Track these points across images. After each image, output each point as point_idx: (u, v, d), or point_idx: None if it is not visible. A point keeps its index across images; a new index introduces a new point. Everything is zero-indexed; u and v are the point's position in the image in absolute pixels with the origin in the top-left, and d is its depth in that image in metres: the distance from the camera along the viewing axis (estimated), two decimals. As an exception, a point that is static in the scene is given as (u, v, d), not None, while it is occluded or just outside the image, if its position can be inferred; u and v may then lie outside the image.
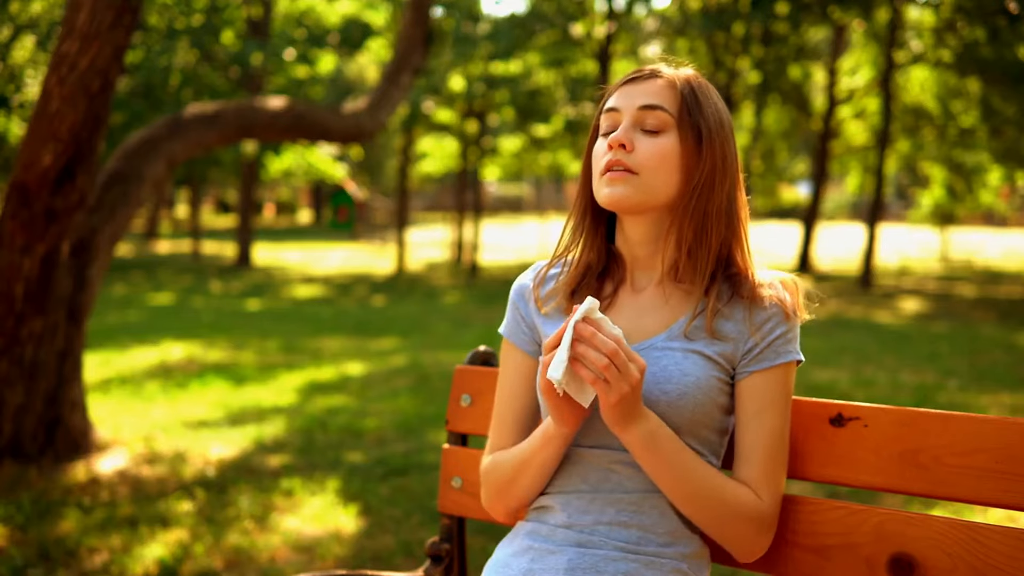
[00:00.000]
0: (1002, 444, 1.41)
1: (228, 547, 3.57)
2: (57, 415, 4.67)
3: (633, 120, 1.50)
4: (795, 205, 37.46)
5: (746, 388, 1.49)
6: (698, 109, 1.50)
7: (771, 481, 1.47)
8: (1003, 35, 15.87)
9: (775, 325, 1.49)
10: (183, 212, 45.87)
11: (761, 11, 16.92)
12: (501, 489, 1.59)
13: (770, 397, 1.48)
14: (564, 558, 1.48)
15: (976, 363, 8.44)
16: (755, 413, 1.48)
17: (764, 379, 1.48)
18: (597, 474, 1.51)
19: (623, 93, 1.53)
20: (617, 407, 1.38)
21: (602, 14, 19.82)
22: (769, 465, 1.47)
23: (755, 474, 1.46)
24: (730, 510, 1.44)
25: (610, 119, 1.53)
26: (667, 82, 1.51)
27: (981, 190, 23.53)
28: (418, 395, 6.67)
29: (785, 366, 1.49)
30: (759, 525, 1.46)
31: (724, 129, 1.52)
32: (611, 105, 1.53)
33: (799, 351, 1.52)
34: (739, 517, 1.45)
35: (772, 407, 1.48)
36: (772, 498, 1.47)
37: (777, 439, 1.47)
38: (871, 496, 4.00)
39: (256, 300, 14.48)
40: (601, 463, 1.51)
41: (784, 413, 1.49)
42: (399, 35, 7.84)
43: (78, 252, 4.76)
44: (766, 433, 1.47)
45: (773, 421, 1.47)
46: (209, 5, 17.82)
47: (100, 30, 4.17)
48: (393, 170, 36.05)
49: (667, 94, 1.50)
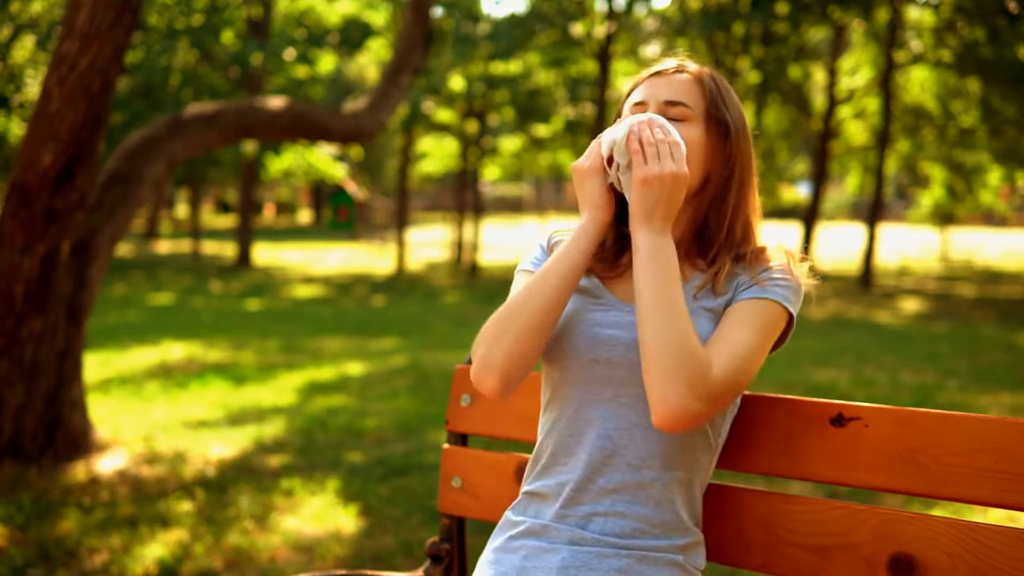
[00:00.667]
0: (1002, 444, 1.41)
1: (228, 547, 3.57)
2: (57, 415, 4.67)
3: (658, 112, 1.54)
4: (795, 205, 37.42)
5: (726, 311, 1.50)
6: (724, 105, 1.56)
7: (725, 364, 1.41)
8: (1003, 35, 15.87)
9: (771, 272, 1.52)
10: (183, 212, 45.86)
11: (761, 11, 16.91)
12: (502, 328, 1.49)
13: (745, 314, 1.47)
14: (557, 556, 1.48)
15: (976, 363, 8.44)
16: (726, 326, 1.47)
17: (747, 303, 1.49)
18: (601, 453, 1.50)
19: (649, 85, 1.58)
20: (645, 187, 1.44)
21: (602, 14, 19.82)
22: (728, 353, 1.42)
23: (713, 351, 1.43)
24: (681, 351, 1.38)
25: (636, 112, 1.57)
26: (693, 78, 1.57)
27: (981, 190, 23.52)
28: (418, 395, 6.67)
29: (770, 302, 1.48)
30: (694, 382, 1.38)
31: (746, 126, 1.59)
32: (638, 99, 1.58)
33: (789, 303, 1.50)
34: (685, 363, 1.38)
35: (747, 323, 1.46)
36: (720, 376, 1.40)
37: (738, 344, 1.43)
38: (871, 496, 4.00)
39: (256, 300, 14.48)
40: (606, 429, 1.50)
41: (757, 336, 1.45)
42: (399, 35, 7.84)
43: (78, 252, 4.76)
44: (729, 335, 1.45)
45: (743, 334, 1.44)
46: (209, 5, 17.82)
47: (100, 30, 4.17)
48: (393, 170, 36.03)
49: (692, 90, 1.56)
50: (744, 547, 1.59)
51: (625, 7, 19.74)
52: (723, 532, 1.61)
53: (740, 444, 1.61)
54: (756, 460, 1.60)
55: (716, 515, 1.61)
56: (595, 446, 1.51)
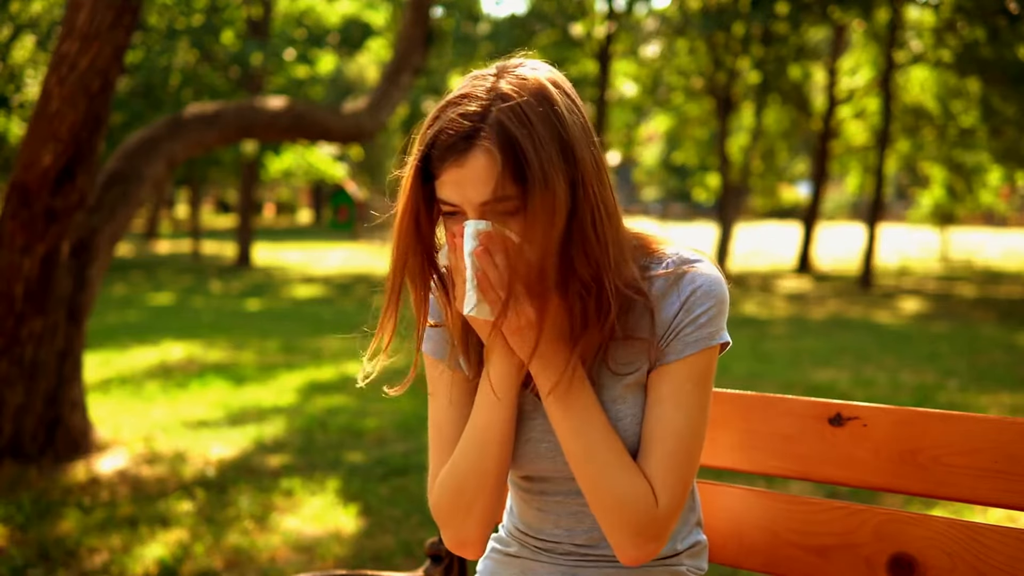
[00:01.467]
0: (1002, 444, 1.40)
1: (228, 547, 3.57)
2: (57, 415, 4.67)
3: (479, 216, 1.24)
4: (795, 205, 37.46)
5: (652, 381, 1.34)
6: (527, 160, 1.21)
7: (669, 482, 1.30)
8: (1003, 35, 15.86)
9: (684, 314, 1.32)
10: (183, 212, 45.86)
11: (761, 11, 16.92)
12: (462, 500, 1.38)
13: (672, 389, 1.32)
14: (557, 569, 1.46)
15: (976, 363, 8.44)
16: (655, 403, 1.33)
17: (669, 371, 1.33)
18: (569, 519, 1.44)
19: (453, 183, 1.24)
20: (518, 333, 1.26)
21: (602, 14, 19.83)
22: (669, 463, 1.31)
23: (653, 471, 1.31)
24: (619, 502, 1.30)
25: (450, 211, 1.27)
26: (488, 151, 1.21)
27: (981, 190, 23.51)
28: (418, 395, 6.64)
29: (696, 356, 1.32)
30: (643, 528, 1.30)
31: (570, 147, 1.25)
32: (447, 200, 1.26)
33: (716, 334, 1.33)
34: (626, 513, 1.29)
35: (674, 400, 1.32)
36: (668, 502, 1.30)
37: (682, 436, 1.31)
38: (871, 496, 4.00)
39: (256, 300, 14.48)
40: (571, 508, 1.43)
41: (691, 409, 1.32)
42: (399, 35, 7.85)
43: (78, 252, 4.76)
44: (667, 427, 1.31)
45: (675, 415, 1.31)
46: (209, 5, 17.82)
47: (100, 30, 4.17)
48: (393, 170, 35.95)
49: (495, 168, 1.21)
50: (744, 547, 1.59)
51: (625, 7, 19.76)
52: (723, 532, 1.61)
53: (740, 444, 1.61)
54: (756, 460, 1.59)
55: (716, 515, 1.61)
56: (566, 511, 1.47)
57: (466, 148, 1.22)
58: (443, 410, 1.46)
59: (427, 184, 1.29)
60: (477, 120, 1.22)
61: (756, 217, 43.43)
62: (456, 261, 1.27)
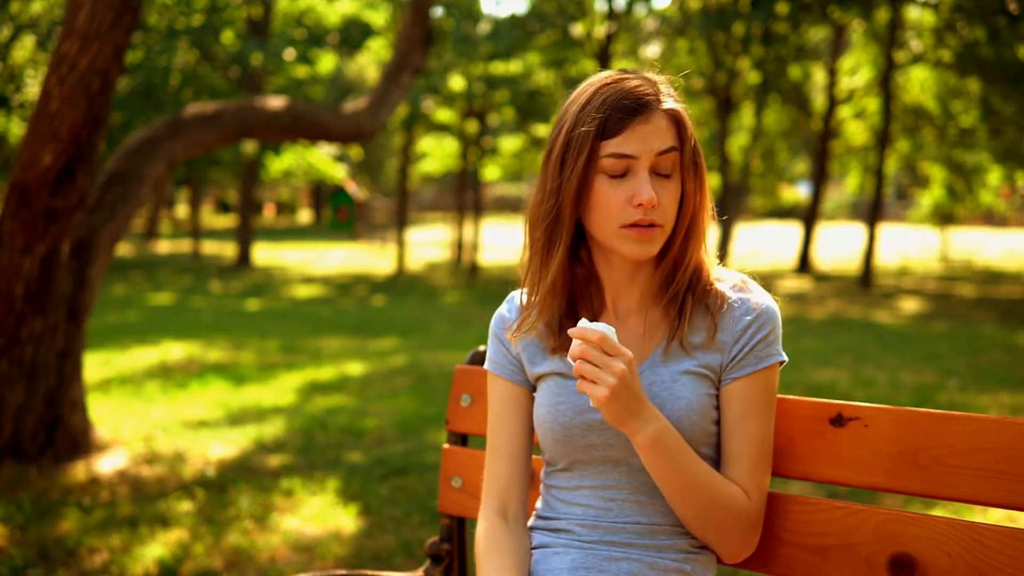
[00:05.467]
0: (1002, 444, 1.41)
1: (228, 547, 3.57)
2: (57, 415, 4.67)
3: (651, 167, 1.45)
4: (795, 205, 37.47)
5: (730, 393, 1.49)
6: (690, 141, 1.48)
7: (758, 482, 1.48)
8: (1003, 35, 15.86)
9: (755, 330, 1.49)
10: (183, 212, 45.86)
11: (761, 11, 16.91)
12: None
13: (753, 401, 1.48)
14: (567, 558, 1.48)
15: (976, 363, 8.44)
16: (740, 417, 1.48)
17: (747, 384, 1.49)
18: (596, 509, 1.53)
19: (636, 136, 1.43)
20: (610, 403, 1.36)
21: (602, 14, 19.81)
22: (756, 467, 1.48)
23: (743, 476, 1.47)
24: (725, 511, 1.45)
25: (623, 164, 1.44)
26: (668, 116, 1.46)
27: (981, 190, 23.53)
28: (418, 395, 6.67)
29: (767, 369, 1.49)
30: (750, 525, 1.48)
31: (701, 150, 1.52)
32: (625, 151, 1.43)
33: (781, 352, 1.51)
34: (732, 517, 1.46)
35: (755, 411, 1.48)
36: (759, 498, 1.49)
37: (762, 442, 1.49)
38: (871, 496, 4.00)
39: (256, 300, 14.48)
40: (602, 497, 1.53)
41: (768, 416, 1.50)
42: (399, 35, 7.84)
43: (78, 252, 4.76)
44: (751, 437, 1.48)
45: (758, 425, 1.48)
46: (209, 5, 17.81)
47: (100, 30, 4.17)
48: (393, 170, 36.03)
49: (673, 130, 1.47)
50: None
51: (625, 7, 19.74)
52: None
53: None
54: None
55: (716, 515, 1.62)
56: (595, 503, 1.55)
57: (652, 110, 1.44)
58: (497, 430, 1.62)
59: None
60: (653, 94, 1.45)
61: (756, 217, 43.45)
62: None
